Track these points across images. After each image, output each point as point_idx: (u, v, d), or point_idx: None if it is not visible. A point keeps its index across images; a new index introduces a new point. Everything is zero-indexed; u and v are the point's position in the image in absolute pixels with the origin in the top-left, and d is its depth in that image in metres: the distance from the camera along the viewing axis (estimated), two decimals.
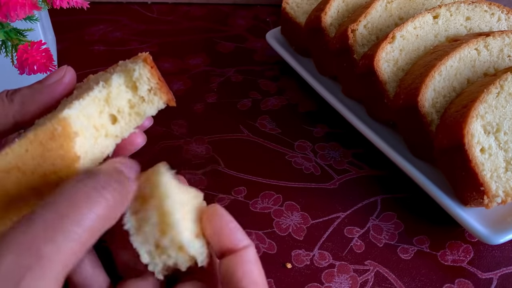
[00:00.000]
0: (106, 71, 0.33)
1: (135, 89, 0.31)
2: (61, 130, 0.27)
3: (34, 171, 0.28)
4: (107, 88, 0.30)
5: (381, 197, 0.52)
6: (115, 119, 0.31)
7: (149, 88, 0.31)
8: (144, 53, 0.32)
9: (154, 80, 0.31)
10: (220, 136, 0.59)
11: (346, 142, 0.58)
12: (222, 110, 0.63)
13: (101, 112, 0.30)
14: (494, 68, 0.49)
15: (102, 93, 0.29)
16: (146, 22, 0.78)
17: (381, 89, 0.52)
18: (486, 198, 0.42)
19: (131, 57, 0.33)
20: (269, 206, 0.51)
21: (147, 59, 0.31)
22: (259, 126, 0.60)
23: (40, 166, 0.28)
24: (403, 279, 0.44)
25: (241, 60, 0.71)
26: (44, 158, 0.27)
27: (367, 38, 0.56)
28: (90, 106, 0.29)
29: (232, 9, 0.81)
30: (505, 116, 0.44)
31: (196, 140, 0.58)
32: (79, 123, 0.28)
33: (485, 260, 0.46)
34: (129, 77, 0.30)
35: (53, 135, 0.27)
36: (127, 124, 0.31)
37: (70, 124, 0.27)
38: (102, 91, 0.29)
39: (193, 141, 0.58)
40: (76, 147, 0.28)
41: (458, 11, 0.54)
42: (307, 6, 0.66)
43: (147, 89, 0.31)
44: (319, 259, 0.46)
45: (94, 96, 0.29)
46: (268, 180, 0.53)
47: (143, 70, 0.30)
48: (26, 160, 0.28)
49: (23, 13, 0.35)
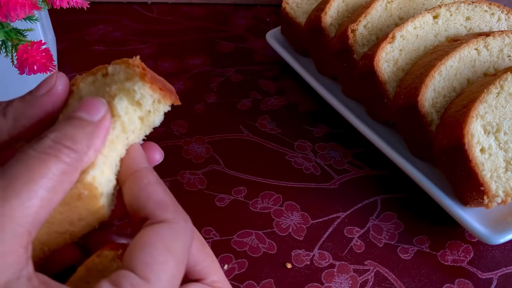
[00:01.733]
0: (95, 76, 0.33)
1: (139, 105, 0.30)
2: (87, 194, 0.27)
3: (61, 221, 0.28)
4: (118, 121, 0.29)
5: (381, 197, 0.52)
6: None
7: (153, 101, 0.31)
8: (135, 60, 0.31)
9: (156, 93, 0.30)
10: (220, 136, 0.59)
11: (346, 142, 0.58)
12: (222, 110, 0.63)
13: (121, 144, 0.30)
14: (494, 68, 0.49)
15: (117, 129, 0.29)
16: (146, 22, 0.78)
17: (381, 89, 0.52)
18: (486, 198, 0.42)
19: (131, 57, 0.32)
20: (269, 206, 0.51)
21: (145, 77, 0.30)
22: (259, 126, 0.60)
23: (67, 217, 0.28)
24: (403, 279, 0.44)
25: (241, 60, 0.71)
26: (70, 213, 0.27)
27: (367, 38, 0.56)
28: (111, 151, 0.29)
29: (232, 9, 0.81)
30: (505, 116, 0.44)
31: (196, 140, 0.58)
32: (104, 179, 0.28)
33: (485, 260, 0.46)
34: (132, 99, 0.30)
35: (79, 197, 0.27)
36: (137, 137, 0.31)
37: (96, 187, 0.27)
38: (116, 127, 0.29)
39: (193, 141, 0.58)
40: (101, 202, 0.28)
41: (458, 11, 0.54)
42: (307, 6, 0.66)
43: (151, 102, 0.31)
44: (319, 259, 0.46)
45: (112, 139, 0.29)
46: (268, 180, 0.53)
47: (144, 89, 0.30)
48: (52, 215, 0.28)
49: (23, 13, 0.35)
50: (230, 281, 0.40)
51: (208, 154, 0.57)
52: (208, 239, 0.48)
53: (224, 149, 0.57)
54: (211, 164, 0.55)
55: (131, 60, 0.31)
